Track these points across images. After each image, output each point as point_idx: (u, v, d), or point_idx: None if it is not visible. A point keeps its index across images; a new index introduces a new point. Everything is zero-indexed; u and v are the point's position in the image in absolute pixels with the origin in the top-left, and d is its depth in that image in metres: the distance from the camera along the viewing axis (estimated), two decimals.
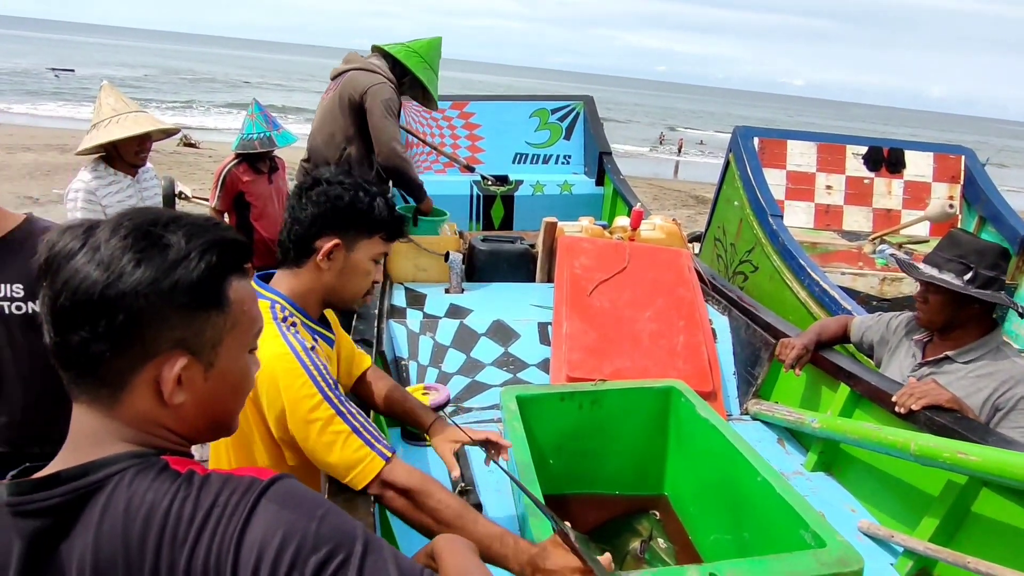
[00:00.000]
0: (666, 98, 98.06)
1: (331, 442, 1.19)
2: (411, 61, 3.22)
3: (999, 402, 1.71)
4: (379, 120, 3.09)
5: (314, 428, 1.19)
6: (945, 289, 1.81)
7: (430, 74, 3.30)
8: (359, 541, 0.68)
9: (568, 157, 5.12)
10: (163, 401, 0.71)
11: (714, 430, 1.76)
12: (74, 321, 0.67)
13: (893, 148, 4.67)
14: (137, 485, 0.66)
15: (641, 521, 1.88)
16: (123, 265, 0.66)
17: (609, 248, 2.76)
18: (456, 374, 2.33)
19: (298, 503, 0.69)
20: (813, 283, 3.49)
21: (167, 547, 0.64)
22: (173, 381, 0.70)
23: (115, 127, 2.61)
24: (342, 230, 1.31)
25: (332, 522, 0.68)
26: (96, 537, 0.64)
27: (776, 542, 1.40)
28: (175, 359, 0.70)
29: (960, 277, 1.78)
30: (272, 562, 0.64)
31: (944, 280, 1.79)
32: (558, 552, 1.17)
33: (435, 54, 3.33)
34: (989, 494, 1.45)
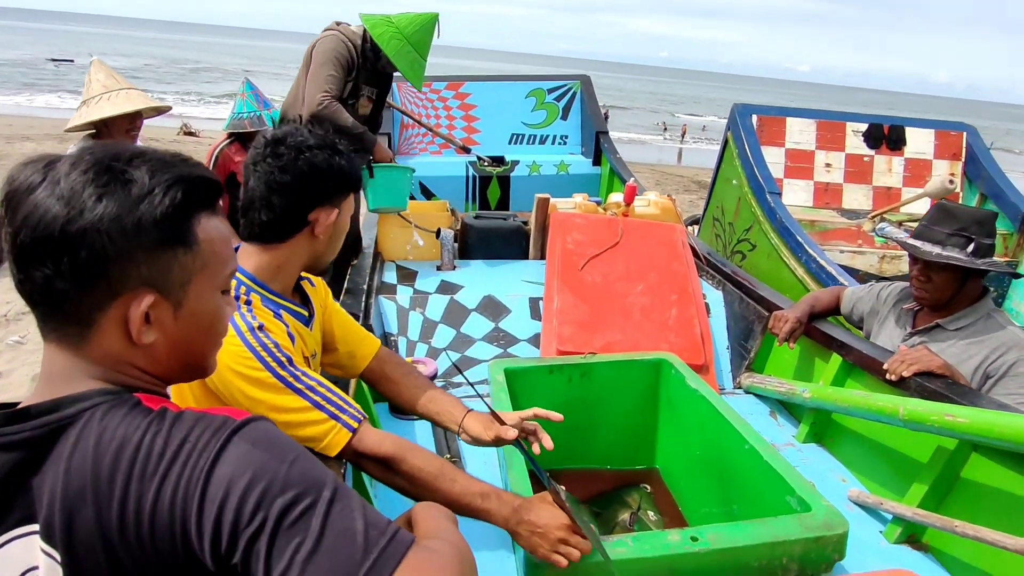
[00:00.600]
0: (669, 84, 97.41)
1: (287, 422, 1.13)
2: (388, 44, 2.90)
3: (990, 369, 1.68)
4: (313, 70, 2.86)
5: (269, 407, 1.13)
6: (950, 266, 1.75)
7: (411, 57, 2.95)
8: (328, 488, 0.66)
9: (565, 137, 5.08)
10: (132, 340, 0.70)
11: (703, 401, 1.74)
12: (36, 258, 0.65)
13: (894, 125, 4.61)
14: (109, 420, 0.65)
15: (631, 494, 1.87)
16: (84, 200, 0.65)
17: (602, 223, 2.73)
18: (446, 349, 2.32)
19: (270, 444, 0.67)
20: (811, 260, 3.45)
21: (136, 481, 0.63)
22: (140, 319, 0.69)
23: (106, 104, 2.57)
24: (333, 197, 1.25)
25: (302, 467, 0.67)
26: (66, 470, 0.63)
27: (763, 509, 1.38)
28: (141, 297, 0.69)
29: (963, 251, 1.72)
30: (238, 500, 0.62)
31: (953, 257, 1.72)
32: (544, 507, 1.15)
33: (423, 34, 2.99)
34: (979, 458, 1.43)
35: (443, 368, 2.24)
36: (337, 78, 2.85)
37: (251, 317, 1.18)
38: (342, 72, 2.87)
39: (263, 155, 1.21)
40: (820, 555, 1.20)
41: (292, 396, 1.15)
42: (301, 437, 1.14)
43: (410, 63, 2.94)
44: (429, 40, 3.00)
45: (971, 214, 1.79)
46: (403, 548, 0.64)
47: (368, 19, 2.93)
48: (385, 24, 2.91)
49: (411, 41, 2.91)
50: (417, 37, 2.93)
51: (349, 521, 0.64)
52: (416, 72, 2.99)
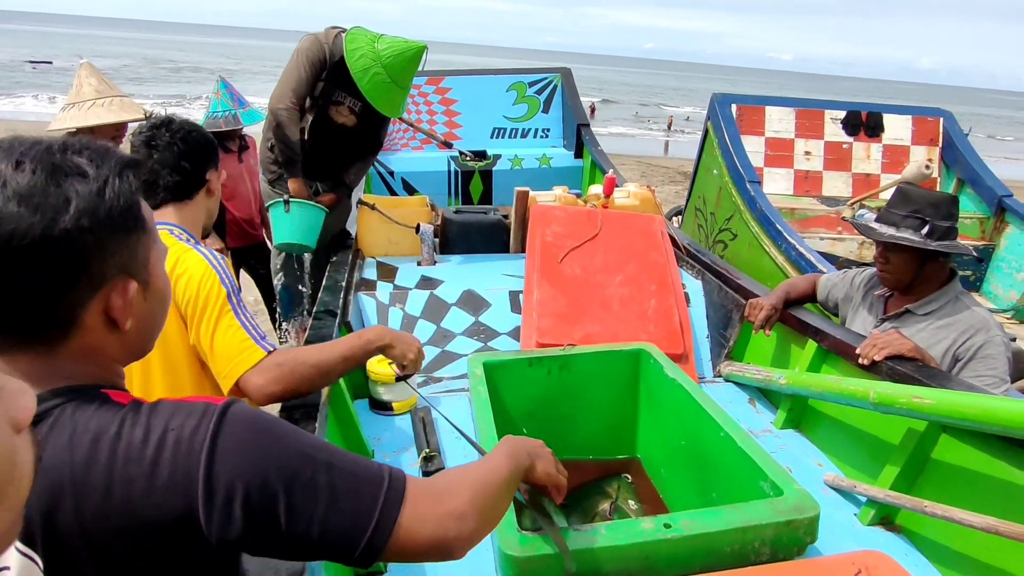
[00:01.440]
0: (655, 76, 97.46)
1: (215, 329, 1.35)
2: (356, 65, 2.67)
3: (959, 352, 1.71)
4: (286, 68, 2.77)
5: (212, 316, 1.36)
6: (906, 247, 1.79)
7: (384, 85, 2.71)
8: (322, 453, 0.71)
9: (547, 130, 5.07)
10: (114, 329, 0.72)
11: (681, 390, 1.75)
12: (10, 272, 0.63)
13: (871, 112, 4.64)
14: (79, 415, 0.65)
15: (612, 483, 1.88)
16: (51, 200, 0.64)
17: (581, 215, 2.73)
18: (426, 344, 2.31)
19: (261, 426, 0.70)
20: (791, 248, 3.48)
21: (120, 468, 0.63)
22: (128, 305, 0.72)
23: (101, 110, 2.54)
24: (215, 162, 1.58)
25: (296, 440, 0.71)
26: (41, 469, 0.63)
27: (739, 495, 1.40)
28: (124, 284, 0.71)
29: (918, 232, 1.76)
30: (247, 484, 0.65)
31: (904, 238, 1.77)
32: None
33: (404, 63, 2.72)
34: (948, 439, 1.45)
35: (423, 364, 2.23)
36: (303, 81, 2.74)
37: (208, 250, 1.45)
38: (310, 71, 2.75)
39: (158, 133, 1.49)
40: (792, 538, 1.22)
41: (233, 315, 1.38)
42: (223, 345, 1.35)
43: (382, 92, 2.72)
44: (410, 70, 2.76)
45: (926, 196, 1.82)
46: (402, 485, 0.74)
47: (353, 40, 2.74)
48: (367, 46, 2.71)
49: (387, 68, 2.68)
50: (395, 65, 2.69)
51: (351, 478, 0.71)
52: (390, 101, 2.78)
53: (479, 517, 0.79)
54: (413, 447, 1.80)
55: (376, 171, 4.55)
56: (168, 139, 1.49)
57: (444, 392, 2.12)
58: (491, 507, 0.84)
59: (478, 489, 0.82)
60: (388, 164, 4.61)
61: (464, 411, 1.92)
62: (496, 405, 1.73)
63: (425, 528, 0.74)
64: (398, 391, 1.94)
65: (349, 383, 1.98)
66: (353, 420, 1.71)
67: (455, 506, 0.77)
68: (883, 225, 1.85)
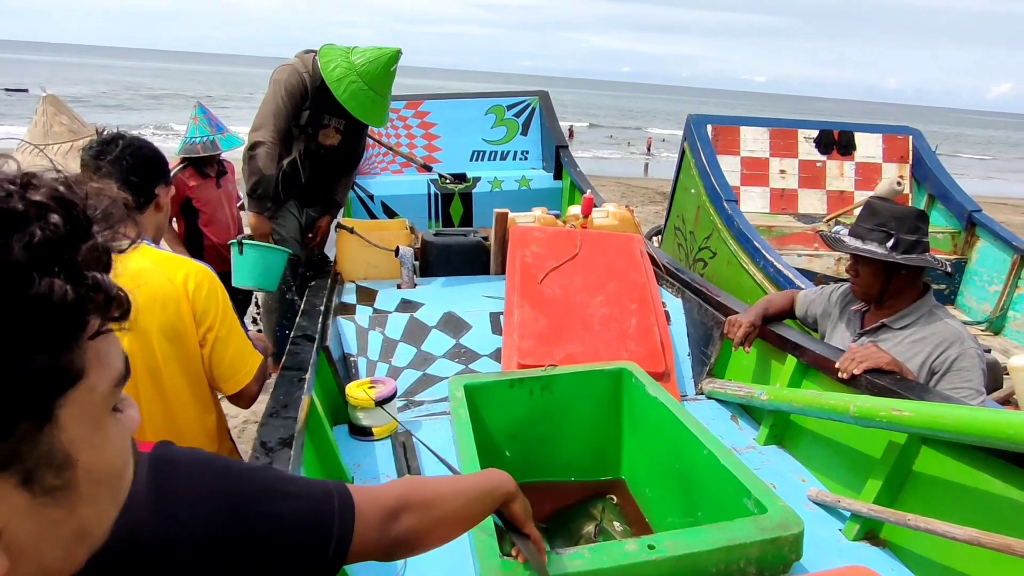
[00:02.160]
0: (631, 99, 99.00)
1: (236, 335, 1.55)
2: (337, 83, 2.64)
3: (934, 365, 1.72)
4: (264, 99, 2.74)
5: (231, 323, 1.53)
6: (872, 259, 1.82)
7: (366, 96, 2.67)
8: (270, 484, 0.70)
9: (526, 152, 5.11)
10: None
11: (663, 409, 1.74)
12: None
13: (843, 131, 4.75)
14: None
15: (596, 505, 1.86)
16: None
17: (560, 236, 2.74)
18: (407, 368, 2.29)
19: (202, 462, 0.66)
20: (768, 265, 3.52)
21: None
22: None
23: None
24: (165, 178, 1.61)
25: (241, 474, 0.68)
26: None
27: (723, 514, 1.39)
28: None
29: (883, 245, 1.80)
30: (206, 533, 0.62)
31: (868, 250, 1.81)
32: None
33: (381, 70, 2.69)
34: (928, 452, 1.45)
35: (403, 388, 2.21)
36: (282, 113, 2.69)
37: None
38: (289, 104, 2.70)
39: (107, 148, 1.52)
40: (777, 556, 1.21)
41: (240, 327, 1.58)
42: (237, 353, 1.55)
43: (363, 102, 2.69)
44: (386, 76, 2.72)
45: (891, 210, 1.85)
46: (349, 497, 0.74)
47: (325, 55, 2.71)
48: (341, 58, 2.67)
49: (363, 76, 2.65)
50: (373, 74, 2.66)
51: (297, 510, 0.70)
52: (371, 111, 2.74)
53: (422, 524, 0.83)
54: (394, 473, 1.77)
55: (356, 195, 4.54)
56: (117, 154, 1.51)
57: (425, 416, 2.10)
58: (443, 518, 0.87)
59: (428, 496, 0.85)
60: (368, 188, 4.61)
61: (446, 434, 1.89)
62: (477, 428, 1.71)
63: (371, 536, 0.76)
64: (378, 416, 1.91)
65: (328, 408, 1.94)
66: (331, 446, 1.68)
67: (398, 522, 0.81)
68: (851, 238, 1.88)
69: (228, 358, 1.53)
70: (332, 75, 2.65)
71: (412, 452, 1.83)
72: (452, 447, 1.74)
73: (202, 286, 1.49)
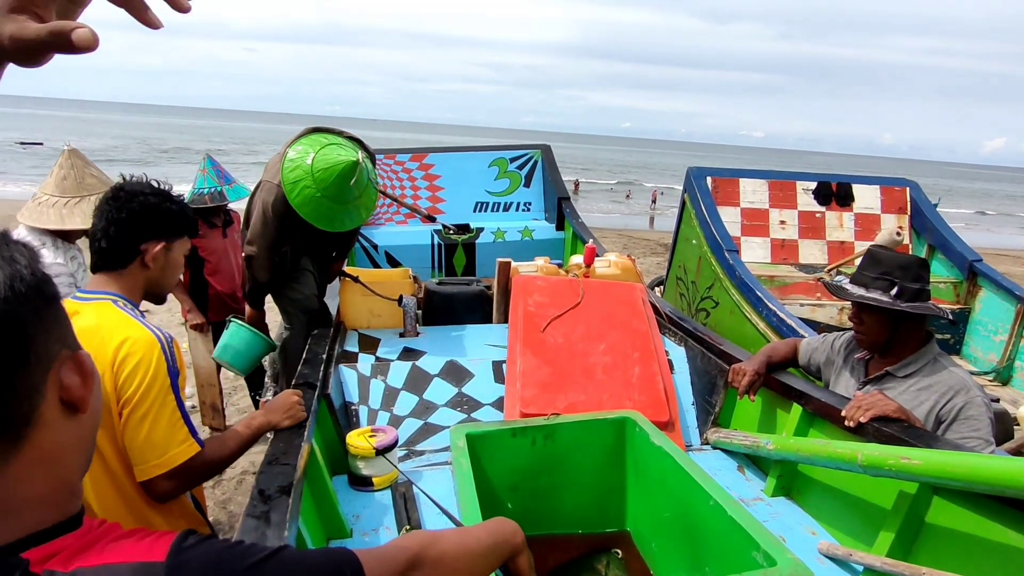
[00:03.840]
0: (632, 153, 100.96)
1: (156, 416, 1.37)
2: (292, 189, 2.44)
3: (941, 414, 1.70)
4: (255, 212, 2.66)
5: (153, 404, 1.36)
6: (877, 308, 1.82)
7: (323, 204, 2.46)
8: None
9: (528, 204, 5.19)
10: (72, 417, 0.65)
11: (668, 458, 1.72)
12: None
13: (841, 182, 4.82)
14: None
15: (600, 559, 1.81)
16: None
17: (563, 285, 2.75)
18: (408, 417, 2.26)
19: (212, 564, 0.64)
20: (771, 314, 3.52)
21: None
22: (87, 380, 0.65)
23: None
24: (163, 234, 1.52)
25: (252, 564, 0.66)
26: None
27: (732, 567, 1.35)
28: (72, 359, 0.65)
29: (887, 293, 1.80)
30: None
31: (872, 298, 1.81)
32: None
33: (338, 182, 2.42)
34: (941, 502, 1.42)
35: (405, 437, 2.18)
36: (271, 236, 2.60)
37: (158, 329, 1.43)
38: (274, 222, 2.57)
39: (107, 199, 1.50)
40: None
41: (176, 406, 1.41)
42: (163, 437, 1.37)
43: (317, 209, 2.47)
44: (342, 185, 2.45)
45: (895, 259, 1.86)
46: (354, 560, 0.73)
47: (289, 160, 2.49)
48: (303, 156, 2.47)
49: (320, 187, 2.42)
50: (327, 182, 2.42)
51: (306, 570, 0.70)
52: (329, 218, 2.53)
53: None
54: (393, 524, 1.73)
55: (360, 244, 4.59)
56: (109, 205, 1.48)
57: (427, 466, 2.06)
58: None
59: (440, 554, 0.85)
60: (372, 238, 4.66)
61: (447, 484, 1.86)
62: (479, 478, 1.68)
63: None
64: (378, 465, 1.88)
65: (327, 457, 1.92)
66: (331, 496, 1.64)
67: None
68: (854, 286, 1.88)
69: (139, 442, 1.36)
70: (289, 177, 2.45)
71: (412, 503, 1.80)
72: (453, 497, 1.71)
73: (131, 357, 1.35)
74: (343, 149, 2.48)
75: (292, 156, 2.49)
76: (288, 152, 2.53)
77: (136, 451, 1.36)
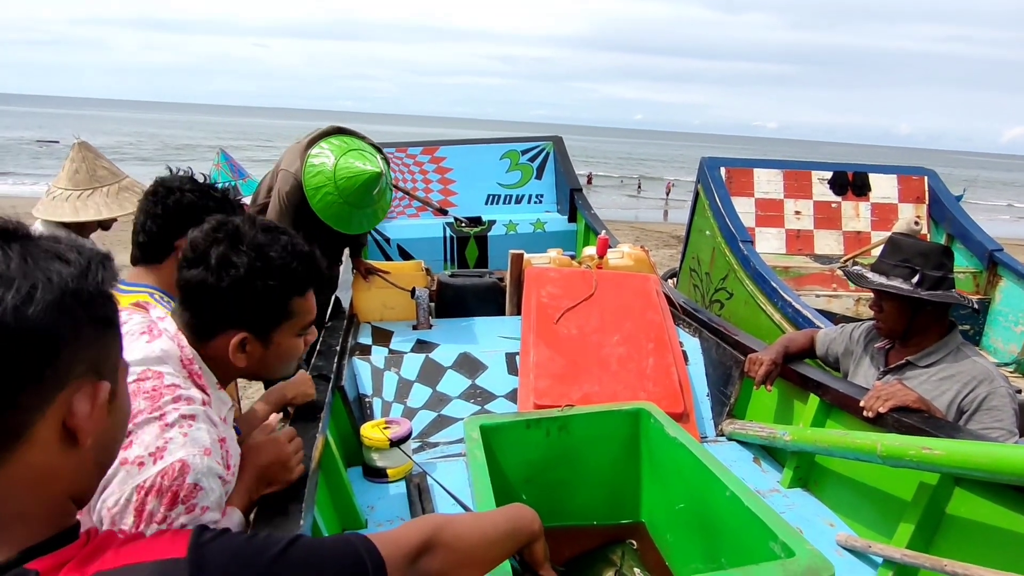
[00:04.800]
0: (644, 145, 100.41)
1: None
2: (326, 212, 2.54)
3: (963, 404, 1.68)
4: (273, 208, 2.72)
5: None
6: (897, 295, 1.79)
7: (343, 210, 2.55)
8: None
9: (540, 196, 5.17)
10: (70, 448, 0.60)
11: (683, 449, 1.70)
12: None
13: (857, 172, 4.75)
14: None
15: (615, 550, 1.80)
16: (30, 280, 0.57)
17: (576, 276, 2.74)
18: (422, 408, 2.27)
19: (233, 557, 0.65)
20: (787, 305, 3.48)
21: None
22: (96, 412, 0.61)
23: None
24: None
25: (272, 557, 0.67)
26: None
27: (748, 558, 1.33)
28: (93, 387, 0.61)
29: (908, 281, 1.77)
30: None
31: (893, 286, 1.78)
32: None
33: (360, 191, 2.52)
34: (962, 493, 1.39)
35: (418, 429, 2.18)
36: (281, 220, 2.54)
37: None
38: (290, 208, 2.65)
39: (147, 194, 1.53)
40: None
41: None
42: None
43: (338, 214, 2.57)
44: (363, 193, 2.54)
45: (915, 246, 1.83)
46: (378, 556, 0.74)
47: (313, 157, 2.57)
48: (324, 164, 2.54)
49: (343, 195, 2.51)
50: (350, 191, 2.51)
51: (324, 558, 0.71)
52: (348, 222, 2.60)
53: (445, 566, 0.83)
54: (408, 515, 1.73)
55: (373, 238, 4.60)
56: (148, 201, 1.51)
57: (441, 457, 2.06)
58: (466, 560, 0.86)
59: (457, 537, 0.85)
60: (384, 231, 4.67)
61: (461, 476, 1.86)
62: (493, 470, 1.67)
63: None
64: (393, 457, 1.88)
65: (342, 449, 1.92)
66: (346, 487, 1.65)
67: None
68: (875, 274, 1.86)
69: None
70: (311, 182, 2.53)
71: (427, 494, 1.80)
72: (468, 489, 1.71)
73: None
74: (364, 157, 2.54)
75: (314, 162, 2.54)
76: (310, 153, 2.57)
77: None
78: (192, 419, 0.99)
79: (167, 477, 0.91)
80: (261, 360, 1.13)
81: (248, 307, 1.09)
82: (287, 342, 1.15)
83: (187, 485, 0.92)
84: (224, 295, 1.07)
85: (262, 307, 1.10)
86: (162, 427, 0.95)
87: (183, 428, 0.97)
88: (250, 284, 1.07)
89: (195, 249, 1.09)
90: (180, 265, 1.11)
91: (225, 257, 1.07)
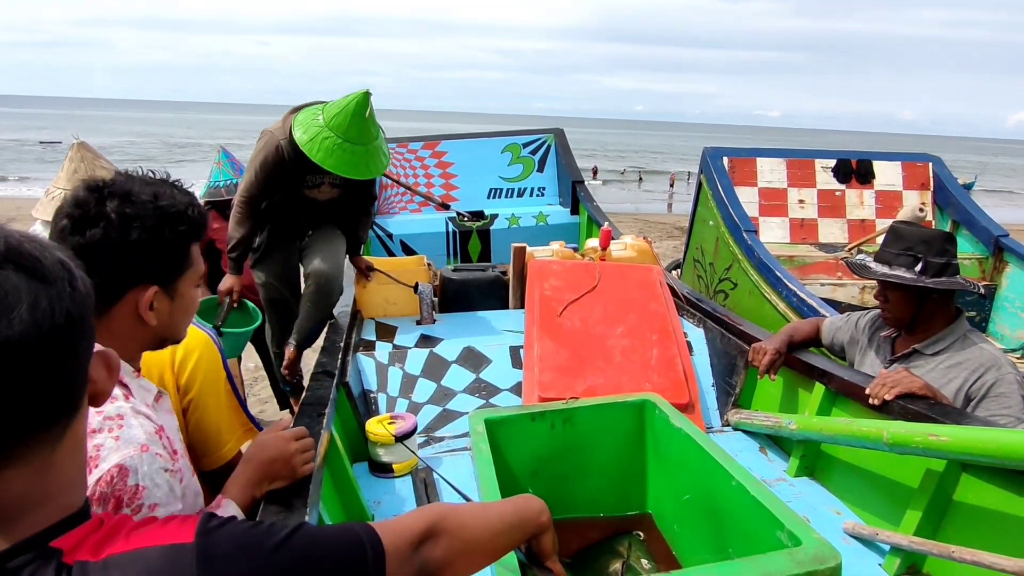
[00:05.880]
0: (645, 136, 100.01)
1: (224, 409, 1.42)
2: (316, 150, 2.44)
3: (971, 391, 1.67)
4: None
5: (218, 396, 1.41)
6: (901, 285, 1.78)
7: (347, 155, 2.46)
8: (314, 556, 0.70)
9: (542, 189, 5.16)
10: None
11: (689, 440, 1.70)
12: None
13: (861, 159, 4.72)
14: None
15: (622, 542, 1.80)
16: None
17: (579, 268, 2.73)
18: (427, 403, 2.27)
19: (238, 546, 0.66)
20: (791, 294, 3.47)
21: None
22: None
23: None
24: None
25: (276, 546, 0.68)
26: None
27: (755, 547, 1.33)
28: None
29: (911, 269, 1.76)
30: None
31: (896, 275, 1.77)
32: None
33: (354, 120, 2.44)
34: (969, 479, 1.39)
35: (423, 423, 2.19)
36: (253, 184, 2.65)
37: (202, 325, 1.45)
38: (262, 176, 2.63)
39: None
40: None
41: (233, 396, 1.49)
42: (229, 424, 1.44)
43: (341, 157, 2.46)
44: (358, 123, 2.45)
45: (918, 234, 1.82)
46: (378, 543, 0.74)
47: (298, 121, 2.54)
48: (311, 119, 2.50)
49: (338, 132, 2.43)
50: (344, 124, 2.43)
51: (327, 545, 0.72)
52: (354, 164, 2.49)
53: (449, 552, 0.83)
54: (414, 506, 1.74)
55: (375, 234, 4.60)
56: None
57: (446, 452, 2.07)
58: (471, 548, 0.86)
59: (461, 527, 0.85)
60: (387, 227, 4.66)
61: (467, 470, 1.86)
62: (499, 463, 1.67)
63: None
64: (398, 452, 1.89)
65: (347, 444, 1.93)
66: (351, 483, 1.65)
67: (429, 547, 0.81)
68: (878, 264, 1.84)
69: (211, 433, 1.39)
70: (303, 139, 2.46)
71: (433, 489, 1.80)
72: (473, 483, 1.71)
73: (191, 354, 1.37)
74: (343, 99, 2.53)
75: (302, 118, 2.54)
76: (296, 118, 2.58)
77: (211, 442, 1.40)
78: (119, 418, 0.97)
79: (106, 484, 0.90)
80: (169, 316, 1.11)
81: (156, 257, 1.06)
82: (189, 293, 1.15)
83: (128, 488, 0.91)
84: (132, 248, 1.03)
85: (169, 256, 1.09)
86: (88, 434, 0.90)
87: (112, 431, 0.95)
88: (159, 233, 1.05)
89: (85, 209, 1.03)
90: (67, 232, 1.03)
91: (123, 211, 1.03)
